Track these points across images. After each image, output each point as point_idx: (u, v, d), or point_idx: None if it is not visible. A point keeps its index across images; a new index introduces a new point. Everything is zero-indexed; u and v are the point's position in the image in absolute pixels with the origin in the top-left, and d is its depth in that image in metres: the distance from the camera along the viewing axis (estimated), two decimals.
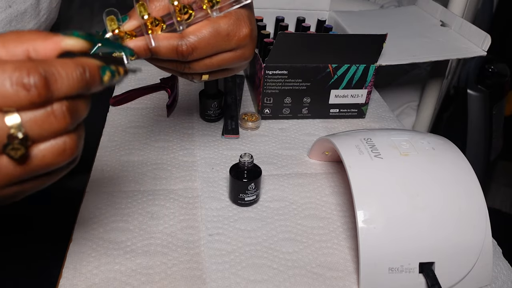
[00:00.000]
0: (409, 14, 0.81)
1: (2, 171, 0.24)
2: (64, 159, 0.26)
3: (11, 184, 0.26)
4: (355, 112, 0.66)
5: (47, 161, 0.25)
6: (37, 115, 0.24)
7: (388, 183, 0.42)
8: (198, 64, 0.38)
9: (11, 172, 0.25)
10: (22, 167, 0.25)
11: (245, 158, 0.47)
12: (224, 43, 0.37)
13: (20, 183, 0.26)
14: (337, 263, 0.44)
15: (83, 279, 0.40)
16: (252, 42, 0.39)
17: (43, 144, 0.25)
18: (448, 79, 1.11)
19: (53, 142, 0.25)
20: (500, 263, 0.45)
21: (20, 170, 0.25)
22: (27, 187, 0.27)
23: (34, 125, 0.24)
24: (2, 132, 0.23)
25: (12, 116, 0.23)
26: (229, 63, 0.39)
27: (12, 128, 0.23)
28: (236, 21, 0.37)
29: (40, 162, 0.25)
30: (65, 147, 0.26)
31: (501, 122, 1.27)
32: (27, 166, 0.25)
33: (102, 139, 0.58)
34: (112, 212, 0.47)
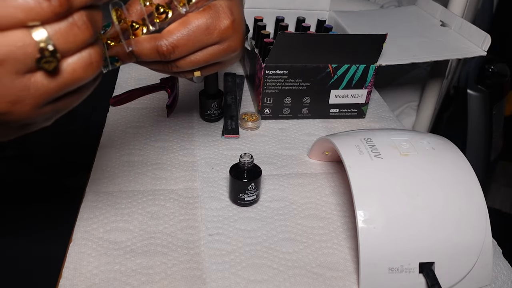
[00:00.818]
0: (409, 14, 0.81)
1: (39, 87, 0.25)
2: (92, 72, 0.26)
3: (47, 103, 0.26)
4: (355, 112, 0.67)
5: (77, 74, 0.26)
6: (61, 27, 0.24)
7: (388, 183, 0.42)
8: (184, 62, 0.38)
9: (47, 88, 0.25)
10: (56, 81, 0.25)
11: (245, 158, 0.47)
12: (205, 37, 0.36)
13: (54, 102, 0.27)
14: (337, 263, 0.44)
15: (83, 279, 0.40)
16: (237, 32, 0.38)
17: (71, 58, 0.25)
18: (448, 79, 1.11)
19: (79, 56, 0.25)
20: (500, 263, 0.45)
21: (55, 85, 0.25)
22: (60, 106, 0.28)
23: (61, 37, 0.24)
24: (33, 47, 0.23)
25: (39, 31, 0.23)
26: (216, 57, 0.38)
27: (42, 42, 0.23)
28: (215, 13, 0.36)
29: (71, 76, 0.25)
30: (91, 59, 0.26)
31: (501, 122, 1.27)
32: (60, 80, 0.25)
33: (102, 139, 0.58)
34: (112, 212, 0.47)
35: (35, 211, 0.61)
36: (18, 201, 0.62)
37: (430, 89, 0.91)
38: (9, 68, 0.23)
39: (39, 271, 0.53)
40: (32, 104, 0.25)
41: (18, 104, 0.25)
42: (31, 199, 0.64)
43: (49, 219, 0.58)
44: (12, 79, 0.24)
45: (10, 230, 0.56)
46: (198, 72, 0.41)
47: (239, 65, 0.80)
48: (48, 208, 0.61)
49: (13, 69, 0.23)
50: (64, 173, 0.72)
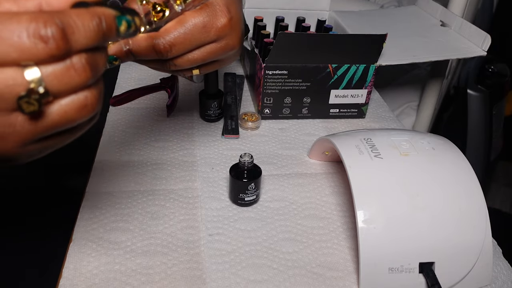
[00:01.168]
0: (409, 14, 0.81)
1: (25, 126, 0.24)
2: (86, 114, 0.25)
3: (32, 142, 0.25)
4: (355, 112, 0.67)
5: (69, 116, 0.25)
6: (57, 69, 0.23)
7: (388, 183, 0.42)
8: (181, 60, 0.38)
9: (33, 128, 0.24)
10: (44, 122, 0.24)
11: (245, 158, 0.47)
12: (202, 35, 0.36)
13: (42, 140, 0.26)
14: (337, 263, 0.44)
15: (83, 279, 0.40)
16: (234, 30, 0.38)
17: (64, 100, 0.24)
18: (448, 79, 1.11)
19: (74, 97, 0.24)
20: (500, 263, 0.45)
21: (43, 125, 0.24)
22: (47, 145, 0.27)
23: (55, 79, 0.23)
24: (22, 88, 0.22)
25: (32, 70, 0.22)
26: (214, 55, 0.38)
27: (32, 83, 0.22)
28: (212, 12, 0.36)
29: (62, 118, 0.24)
30: (87, 102, 0.25)
31: (501, 122, 1.27)
32: (49, 121, 0.24)
33: (102, 139, 0.58)
34: (112, 212, 0.47)
35: (35, 211, 0.61)
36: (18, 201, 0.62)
37: (430, 89, 0.91)
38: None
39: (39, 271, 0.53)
40: (17, 141, 0.24)
41: (1, 141, 0.24)
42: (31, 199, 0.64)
43: (49, 219, 0.58)
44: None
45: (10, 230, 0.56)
46: (196, 70, 0.40)
47: (239, 65, 0.80)
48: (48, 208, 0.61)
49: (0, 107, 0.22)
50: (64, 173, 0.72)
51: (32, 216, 0.59)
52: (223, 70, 0.76)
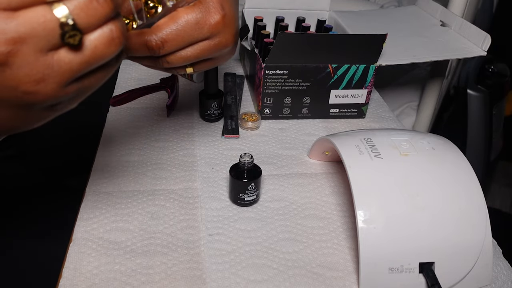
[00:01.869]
0: (409, 14, 0.81)
1: (62, 64, 0.25)
2: (114, 48, 0.26)
3: (71, 82, 0.26)
4: (355, 112, 0.67)
5: (99, 50, 0.25)
6: (81, 2, 0.24)
7: (388, 183, 0.42)
8: (174, 58, 0.37)
9: (70, 65, 0.25)
10: (79, 57, 0.25)
11: (245, 158, 0.47)
12: (195, 32, 0.36)
13: (78, 80, 0.27)
14: (337, 263, 0.44)
15: (83, 279, 0.40)
16: (228, 28, 0.38)
17: (92, 34, 0.25)
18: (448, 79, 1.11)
19: (101, 31, 0.25)
20: (500, 263, 0.45)
21: (78, 62, 0.25)
22: (84, 85, 0.27)
23: (81, 12, 0.24)
24: (54, 23, 0.23)
25: (60, 7, 0.23)
26: (207, 53, 0.38)
27: (62, 18, 0.23)
28: (205, 8, 0.36)
29: (93, 52, 0.25)
30: (113, 35, 0.26)
31: (501, 122, 1.27)
32: (83, 56, 0.25)
33: (102, 139, 0.58)
34: (112, 212, 0.47)
35: (35, 211, 0.61)
36: (18, 201, 0.62)
37: (430, 89, 0.91)
38: (32, 46, 0.23)
39: (39, 271, 0.53)
40: (57, 82, 0.25)
41: (42, 83, 0.25)
42: (31, 199, 0.64)
43: (49, 219, 0.58)
44: (36, 57, 0.24)
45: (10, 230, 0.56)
46: (190, 68, 0.40)
47: (239, 65, 0.80)
48: (48, 208, 0.61)
49: (36, 46, 0.23)
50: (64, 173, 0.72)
51: (32, 216, 0.59)
52: (223, 70, 0.76)
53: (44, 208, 0.61)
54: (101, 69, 0.28)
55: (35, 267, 0.53)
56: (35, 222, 0.58)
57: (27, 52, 0.23)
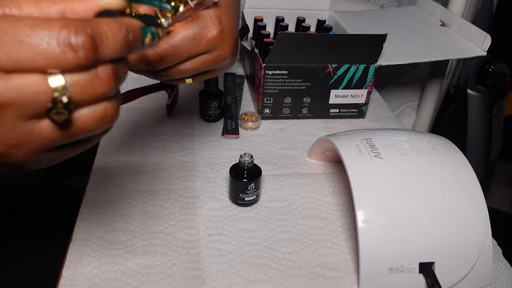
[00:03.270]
0: (409, 14, 0.81)
1: (43, 135, 0.23)
2: (104, 125, 0.25)
3: (50, 150, 0.25)
4: (355, 112, 0.67)
5: (88, 126, 0.24)
6: (82, 79, 0.22)
7: (388, 183, 0.42)
8: (173, 71, 0.37)
9: (51, 137, 0.24)
10: (63, 132, 0.24)
11: (245, 158, 0.47)
12: (193, 47, 0.36)
13: (54, 149, 0.25)
14: (337, 263, 0.44)
15: (83, 279, 0.40)
16: (226, 41, 0.38)
17: (85, 110, 0.24)
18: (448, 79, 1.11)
19: (94, 108, 0.24)
20: (500, 263, 0.45)
21: (61, 135, 0.24)
22: (57, 155, 0.26)
23: (78, 88, 0.22)
24: (46, 96, 0.22)
25: (56, 78, 0.22)
26: (205, 66, 0.38)
27: (56, 91, 0.22)
28: (202, 23, 0.36)
29: (81, 127, 0.24)
30: (106, 113, 0.25)
31: (501, 122, 1.27)
32: (68, 131, 0.24)
33: (102, 139, 0.58)
34: (112, 212, 0.47)
35: (35, 211, 0.61)
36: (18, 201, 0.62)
37: (430, 89, 0.91)
38: (15, 112, 0.22)
39: (39, 271, 0.53)
40: (31, 149, 0.24)
41: (16, 148, 0.23)
42: (31, 199, 0.64)
43: (49, 219, 0.58)
44: (15, 123, 0.22)
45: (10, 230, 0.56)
46: (190, 79, 0.40)
47: (239, 65, 0.80)
48: (48, 208, 0.61)
49: (20, 113, 0.22)
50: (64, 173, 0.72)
51: (32, 216, 0.59)
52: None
53: (44, 208, 0.61)
54: (81, 142, 0.27)
55: (35, 267, 0.53)
56: (35, 222, 0.58)
57: (7, 117, 0.22)
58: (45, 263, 0.52)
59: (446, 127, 1.18)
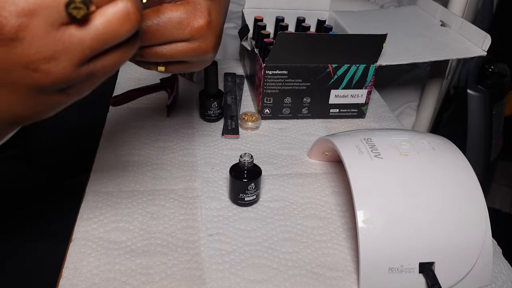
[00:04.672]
0: (409, 14, 0.81)
1: (73, 41, 0.23)
2: (129, 26, 0.25)
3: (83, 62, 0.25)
4: (355, 112, 0.67)
5: (113, 27, 0.24)
6: None
7: (388, 183, 0.42)
8: (149, 52, 0.36)
9: (81, 41, 0.24)
10: (90, 33, 0.24)
11: (245, 158, 0.47)
12: (176, 31, 0.35)
13: (92, 60, 0.25)
14: (337, 263, 0.44)
15: (83, 279, 0.40)
16: (211, 35, 0.36)
17: (106, 8, 0.24)
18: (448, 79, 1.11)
19: (115, 6, 0.24)
20: (500, 263, 0.45)
21: (90, 38, 0.24)
22: (99, 66, 0.26)
23: None
24: None
25: None
26: (183, 55, 0.37)
27: None
28: (191, 10, 0.35)
29: (106, 28, 0.24)
30: (128, 11, 0.24)
31: (501, 122, 1.27)
32: (95, 32, 0.24)
33: (102, 139, 0.58)
34: (112, 212, 0.47)
35: (35, 211, 0.61)
36: (18, 201, 0.62)
37: (430, 89, 0.91)
38: (43, 19, 0.22)
39: (39, 271, 0.53)
40: (68, 60, 0.24)
41: (53, 61, 0.23)
42: (31, 199, 0.64)
43: (49, 219, 0.58)
44: (46, 31, 0.22)
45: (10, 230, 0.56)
46: (162, 67, 0.39)
47: (239, 65, 0.80)
48: (48, 208, 0.61)
49: (47, 20, 0.22)
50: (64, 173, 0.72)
51: (33, 216, 0.59)
52: (223, 70, 0.76)
53: (44, 208, 0.61)
54: (116, 50, 0.26)
55: (35, 267, 0.53)
56: (35, 222, 0.58)
57: (38, 26, 0.22)
58: (45, 263, 0.52)
59: (446, 127, 1.18)
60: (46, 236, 0.56)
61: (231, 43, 1.01)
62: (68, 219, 0.48)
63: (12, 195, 0.62)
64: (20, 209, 0.61)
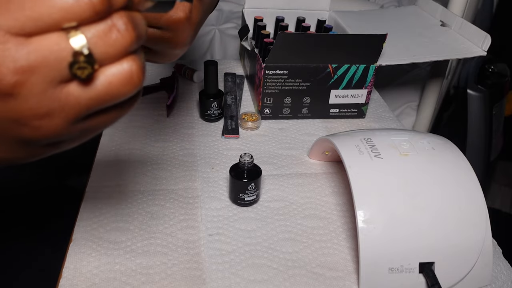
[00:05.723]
0: (409, 14, 0.81)
1: (71, 99, 0.22)
2: (131, 88, 0.24)
3: (78, 120, 0.24)
4: (355, 112, 0.66)
5: (114, 89, 0.23)
6: (99, 29, 0.21)
7: (388, 183, 0.42)
8: None
9: (79, 100, 0.23)
10: (89, 93, 0.23)
11: (245, 158, 0.47)
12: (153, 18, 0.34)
13: (85, 119, 0.24)
14: (337, 263, 0.44)
15: (83, 279, 0.40)
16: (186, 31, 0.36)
17: (109, 69, 0.23)
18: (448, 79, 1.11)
19: (118, 67, 0.23)
20: (500, 263, 0.45)
21: (88, 98, 0.23)
22: (91, 125, 0.25)
23: (99, 40, 0.21)
24: (67, 53, 0.21)
25: (75, 33, 0.21)
26: (154, 41, 0.36)
27: (76, 45, 0.21)
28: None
29: (107, 89, 0.23)
30: (132, 72, 0.23)
31: (501, 122, 1.27)
32: (94, 92, 0.23)
33: (102, 139, 0.58)
34: (112, 212, 0.47)
35: (35, 211, 0.61)
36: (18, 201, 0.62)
37: (430, 89, 0.91)
38: (42, 76, 0.21)
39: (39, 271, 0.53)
40: (63, 118, 0.23)
41: (47, 118, 0.23)
42: (31, 199, 0.64)
43: (49, 219, 0.58)
44: (43, 89, 0.22)
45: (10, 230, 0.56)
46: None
47: (239, 65, 0.80)
48: (48, 208, 0.61)
49: (46, 78, 0.21)
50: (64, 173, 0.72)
51: (32, 216, 0.59)
52: (223, 70, 0.76)
53: (44, 208, 0.61)
54: (113, 109, 0.26)
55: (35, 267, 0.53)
56: (35, 222, 0.58)
57: (35, 83, 0.21)
58: (45, 263, 0.52)
59: (446, 127, 1.18)
60: (46, 236, 0.56)
61: (231, 43, 1.01)
62: (68, 219, 0.48)
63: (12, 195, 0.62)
64: (20, 209, 0.61)
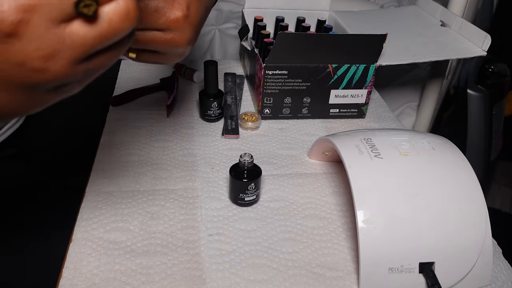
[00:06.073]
0: (409, 14, 0.81)
1: (75, 38, 0.23)
2: (129, 23, 0.25)
3: (81, 60, 0.24)
4: (355, 112, 0.66)
5: (115, 25, 0.24)
6: None
7: (388, 183, 0.42)
8: None
9: (83, 39, 0.23)
10: (93, 31, 0.23)
11: (245, 158, 0.47)
12: (151, 19, 0.34)
13: (88, 59, 0.25)
14: (337, 263, 0.44)
15: (83, 279, 0.40)
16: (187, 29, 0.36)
17: (108, 6, 0.23)
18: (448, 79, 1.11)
19: (116, 4, 0.24)
20: (500, 263, 0.45)
21: (92, 36, 0.23)
22: (96, 64, 0.26)
23: None
24: None
25: None
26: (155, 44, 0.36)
27: None
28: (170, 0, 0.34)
29: (108, 26, 0.24)
30: (128, 8, 0.24)
31: (501, 122, 1.27)
32: (97, 30, 0.23)
33: (102, 139, 0.58)
34: (112, 212, 0.47)
35: (35, 211, 0.61)
36: (18, 201, 0.62)
37: (430, 89, 0.91)
38: (44, 15, 0.21)
39: (39, 271, 0.53)
40: (67, 58, 0.23)
41: (52, 59, 0.23)
42: (31, 199, 0.64)
43: (49, 219, 0.58)
44: (46, 28, 0.22)
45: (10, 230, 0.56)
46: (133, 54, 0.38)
47: (239, 65, 0.80)
48: (48, 208, 0.61)
49: (48, 16, 0.21)
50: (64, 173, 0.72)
51: (32, 216, 0.59)
52: (223, 70, 0.76)
53: (44, 208, 0.61)
54: (113, 48, 0.26)
55: (35, 267, 0.53)
56: (35, 222, 0.58)
57: (38, 22, 0.21)
58: (45, 263, 0.52)
59: (446, 127, 1.18)
60: (46, 236, 0.56)
61: (231, 43, 1.01)
62: (68, 219, 0.48)
63: (11, 195, 0.62)
64: (20, 209, 0.61)
